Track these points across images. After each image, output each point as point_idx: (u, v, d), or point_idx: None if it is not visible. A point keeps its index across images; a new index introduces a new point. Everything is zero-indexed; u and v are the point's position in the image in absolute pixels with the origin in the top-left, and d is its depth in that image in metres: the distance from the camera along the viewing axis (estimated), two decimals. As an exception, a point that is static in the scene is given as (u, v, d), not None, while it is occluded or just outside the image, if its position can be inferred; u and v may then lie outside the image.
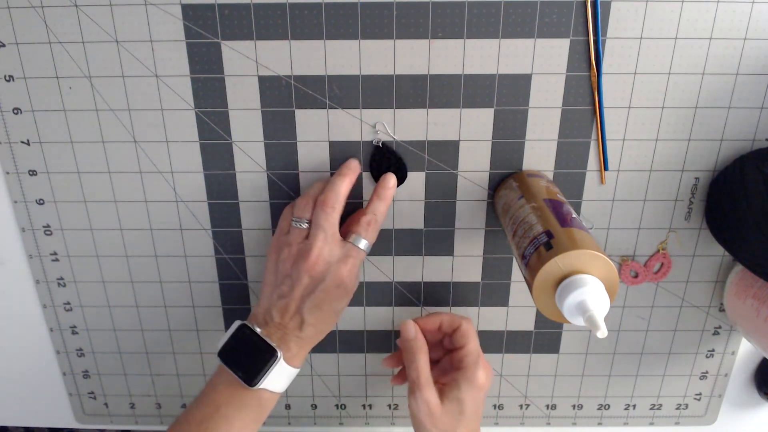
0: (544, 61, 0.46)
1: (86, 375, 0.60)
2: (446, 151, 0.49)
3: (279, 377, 0.44)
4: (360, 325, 0.57)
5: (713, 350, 0.57)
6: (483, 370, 0.47)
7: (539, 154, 0.49)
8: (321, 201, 0.45)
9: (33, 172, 0.51)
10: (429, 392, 0.45)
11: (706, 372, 0.58)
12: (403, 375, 0.53)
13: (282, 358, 0.43)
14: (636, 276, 0.53)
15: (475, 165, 0.50)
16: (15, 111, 0.48)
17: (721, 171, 0.49)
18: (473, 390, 0.46)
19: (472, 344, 0.48)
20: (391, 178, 0.48)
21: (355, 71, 0.46)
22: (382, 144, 0.48)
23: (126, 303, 0.56)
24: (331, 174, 0.50)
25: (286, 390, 0.46)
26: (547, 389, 0.59)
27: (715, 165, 0.49)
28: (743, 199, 0.45)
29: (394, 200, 0.51)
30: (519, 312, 0.56)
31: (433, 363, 0.50)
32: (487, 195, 0.51)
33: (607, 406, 0.60)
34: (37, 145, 0.50)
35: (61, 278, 0.55)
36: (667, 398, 0.59)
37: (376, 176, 0.49)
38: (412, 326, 0.48)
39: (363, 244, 0.46)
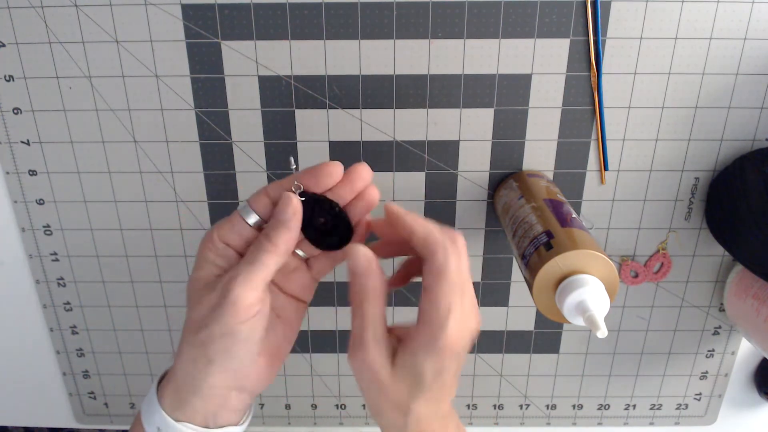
0: (544, 61, 0.46)
1: (86, 375, 0.60)
2: (446, 151, 0.49)
3: None
4: (360, 325, 0.57)
5: (713, 350, 0.57)
6: (455, 326, 0.32)
7: (539, 154, 0.49)
8: None
9: (33, 172, 0.51)
10: (376, 354, 0.33)
11: (706, 372, 0.58)
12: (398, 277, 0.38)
13: None
14: (636, 276, 0.53)
15: (475, 165, 0.50)
16: (15, 111, 0.48)
17: (721, 171, 0.49)
18: (435, 356, 0.32)
19: (442, 288, 0.32)
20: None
21: (355, 71, 0.46)
22: (304, 194, 0.33)
23: (126, 303, 0.56)
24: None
25: (286, 390, 0.46)
26: (547, 389, 0.59)
27: (715, 165, 0.49)
28: (743, 199, 0.45)
29: (394, 201, 0.51)
30: (519, 312, 0.56)
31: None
32: (487, 195, 0.51)
33: (607, 406, 0.60)
34: (37, 145, 0.49)
35: (61, 278, 0.55)
36: (667, 398, 0.59)
37: (312, 238, 0.35)
38: (364, 256, 0.32)
39: None
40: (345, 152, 0.49)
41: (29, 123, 0.49)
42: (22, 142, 0.49)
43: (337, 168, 0.33)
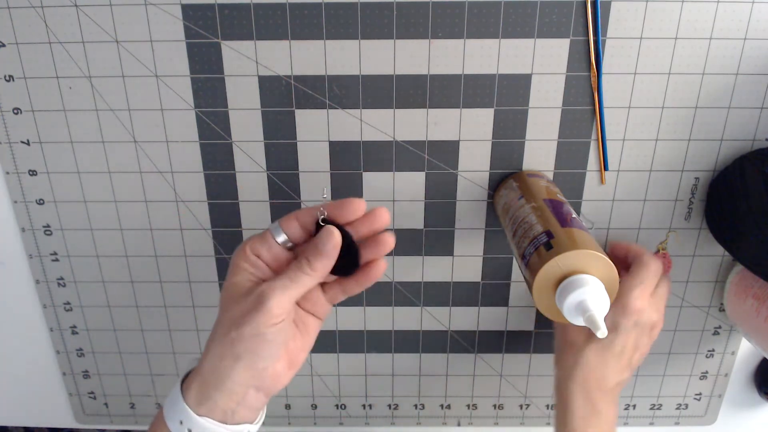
0: (544, 61, 0.46)
1: (86, 375, 0.60)
2: (446, 151, 0.49)
3: None
4: (360, 325, 0.57)
5: (713, 350, 0.57)
6: (640, 296, 0.42)
7: (539, 154, 0.49)
8: None
9: (33, 172, 0.51)
10: None
11: (706, 372, 0.58)
12: None
13: None
14: (636, 276, 0.53)
15: (475, 165, 0.50)
16: (15, 111, 0.48)
17: (721, 171, 0.49)
18: (615, 309, 0.40)
19: (639, 270, 0.43)
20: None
21: (355, 71, 0.46)
22: (325, 221, 0.37)
23: (126, 303, 0.56)
24: (332, 174, 0.50)
25: (286, 390, 0.46)
26: (547, 389, 0.59)
27: (715, 165, 0.49)
28: (743, 199, 0.45)
29: (394, 200, 0.51)
30: (519, 312, 0.56)
31: None
32: (487, 195, 0.51)
33: (607, 406, 0.60)
34: (37, 145, 0.49)
35: (61, 278, 0.55)
36: (667, 398, 0.59)
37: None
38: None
39: None
40: (345, 152, 0.49)
41: (29, 123, 0.49)
42: (22, 142, 0.49)
43: (362, 205, 0.37)
